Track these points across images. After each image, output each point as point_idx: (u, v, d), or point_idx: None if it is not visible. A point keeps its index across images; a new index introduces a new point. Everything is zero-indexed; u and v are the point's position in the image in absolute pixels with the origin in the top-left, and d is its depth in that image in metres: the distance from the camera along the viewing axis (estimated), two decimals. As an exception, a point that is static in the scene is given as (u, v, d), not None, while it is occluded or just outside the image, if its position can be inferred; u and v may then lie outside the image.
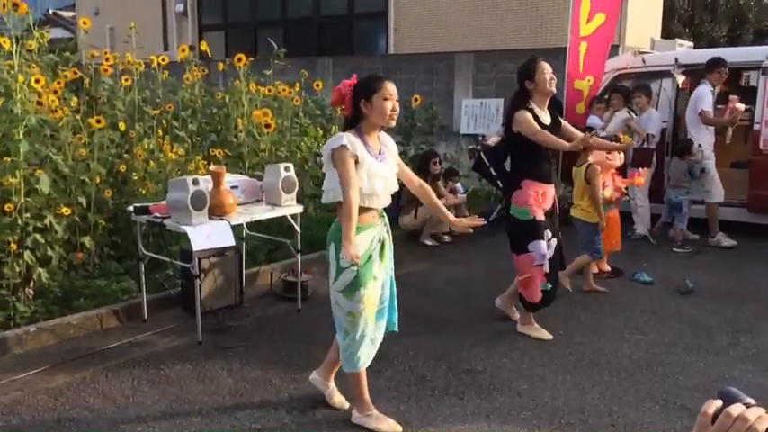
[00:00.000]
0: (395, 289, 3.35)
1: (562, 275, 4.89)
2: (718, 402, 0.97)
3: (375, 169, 2.96)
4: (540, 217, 4.16)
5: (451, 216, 3.36)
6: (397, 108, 3.01)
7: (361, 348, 3.09)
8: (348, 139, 2.91)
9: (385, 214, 3.21)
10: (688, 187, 6.70)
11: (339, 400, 3.39)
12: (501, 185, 7.82)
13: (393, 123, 3.03)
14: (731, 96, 6.85)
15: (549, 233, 4.20)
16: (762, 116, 6.78)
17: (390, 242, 3.22)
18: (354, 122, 3.04)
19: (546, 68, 4.14)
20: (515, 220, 4.23)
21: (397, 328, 3.39)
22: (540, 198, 4.17)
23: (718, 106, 7.13)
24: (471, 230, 3.33)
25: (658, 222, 7.08)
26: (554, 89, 4.20)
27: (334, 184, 2.96)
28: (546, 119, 4.18)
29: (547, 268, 4.22)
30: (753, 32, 16.00)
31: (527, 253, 4.19)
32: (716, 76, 6.83)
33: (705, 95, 6.77)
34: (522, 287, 4.32)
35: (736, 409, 0.95)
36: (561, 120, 4.40)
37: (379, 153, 3.05)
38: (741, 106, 6.70)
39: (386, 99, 2.96)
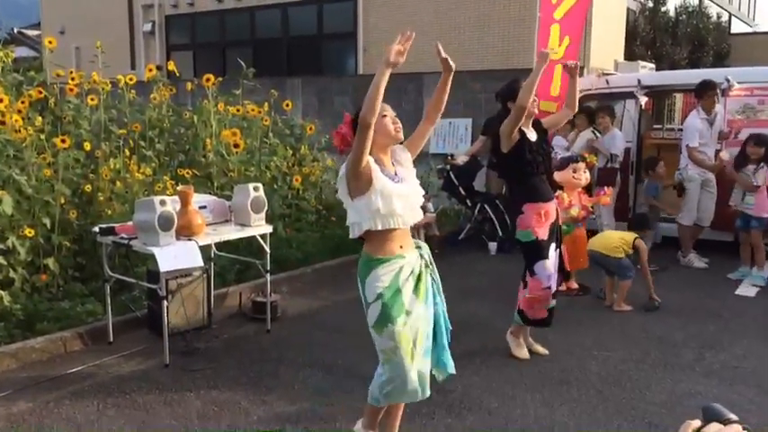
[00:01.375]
0: (445, 326, 3.12)
1: (616, 306, 5.28)
2: (696, 423, 0.97)
3: (390, 189, 2.83)
4: (543, 236, 4.19)
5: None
6: (397, 120, 2.96)
7: (392, 387, 2.92)
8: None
9: (424, 246, 3.07)
10: (655, 205, 6.83)
11: None
12: (469, 204, 7.91)
13: (401, 136, 2.98)
14: (720, 153, 6.72)
15: (553, 246, 4.24)
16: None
17: (433, 275, 3.06)
18: None
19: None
20: (521, 243, 4.28)
21: (452, 370, 3.12)
22: (542, 218, 4.19)
23: (721, 130, 6.83)
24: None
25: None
26: (536, 110, 4.25)
27: (358, 217, 2.85)
28: (532, 136, 4.24)
29: (554, 288, 4.26)
30: (713, 55, 16.46)
31: (534, 276, 4.21)
32: (708, 101, 6.67)
33: (692, 129, 6.73)
34: (527, 306, 4.32)
35: (713, 427, 0.94)
36: (547, 133, 4.44)
37: (395, 174, 2.93)
38: (726, 155, 6.60)
39: (384, 116, 2.91)
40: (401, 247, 2.90)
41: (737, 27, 21.87)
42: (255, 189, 4.57)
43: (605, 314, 5.25)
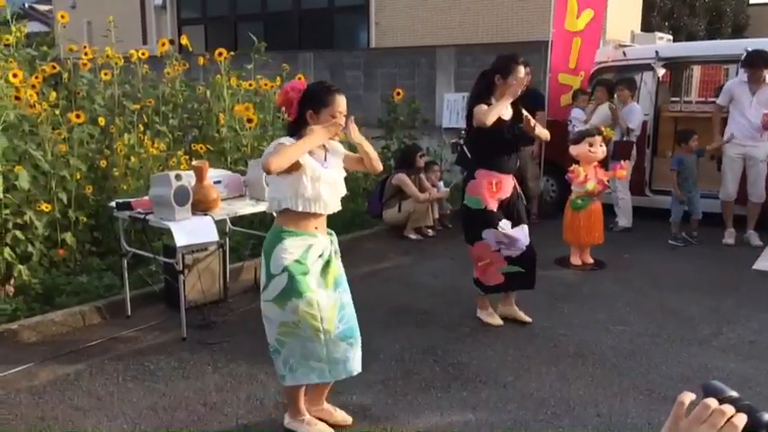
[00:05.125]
0: (354, 322, 2.99)
1: None
2: (692, 395, 0.95)
3: (319, 173, 2.80)
4: (492, 207, 4.21)
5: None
6: (342, 124, 2.84)
7: (298, 361, 2.88)
8: (288, 140, 2.79)
9: (334, 234, 3.02)
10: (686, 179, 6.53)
11: (341, 416, 3.19)
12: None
13: (337, 139, 2.93)
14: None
15: (506, 222, 4.23)
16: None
17: (338, 266, 2.98)
18: (298, 129, 2.86)
19: (519, 75, 4.15)
20: (468, 210, 4.32)
21: (353, 370, 2.99)
22: (493, 188, 4.21)
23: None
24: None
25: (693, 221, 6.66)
26: (518, 93, 4.16)
27: (277, 194, 2.83)
28: (506, 114, 4.19)
29: (507, 253, 4.26)
30: (731, 26, 16.18)
31: (481, 240, 4.26)
32: (756, 72, 6.25)
33: (725, 89, 6.60)
34: (480, 273, 4.39)
35: (713, 401, 0.92)
36: (526, 115, 4.27)
37: (324, 159, 2.90)
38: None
39: (334, 116, 2.81)
40: (315, 227, 2.88)
41: (756, -3, 21.43)
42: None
43: (621, 289, 5.23)
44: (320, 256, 2.90)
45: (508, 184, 4.30)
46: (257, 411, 3.30)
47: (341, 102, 2.85)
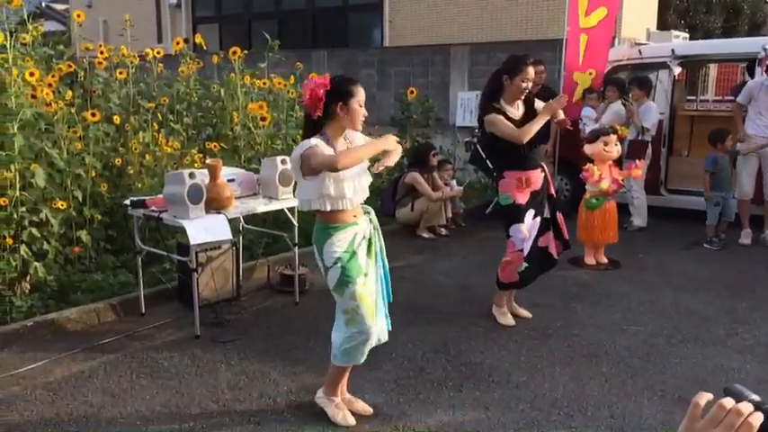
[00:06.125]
0: (387, 288, 3.23)
1: None
2: (709, 395, 0.95)
3: (342, 173, 2.87)
4: (521, 201, 4.26)
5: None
6: (365, 112, 3.01)
7: (359, 345, 3.05)
8: (316, 141, 2.87)
9: (371, 211, 3.16)
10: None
11: (361, 406, 3.28)
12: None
13: (360, 127, 3.03)
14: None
15: (531, 212, 4.27)
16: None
17: (380, 240, 3.16)
18: (320, 125, 2.94)
19: (529, 76, 4.17)
20: (501, 207, 4.43)
21: (383, 339, 3.22)
22: (523, 184, 4.27)
23: None
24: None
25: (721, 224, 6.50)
26: (529, 86, 4.21)
27: (308, 195, 2.95)
28: (516, 113, 4.22)
29: (526, 252, 4.29)
30: (748, 24, 16.02)
31: (509, 237, 4.32)
32: None
33: (745, 88, 6.56)
34: (501, 269, 4.43)
35: (729, 401, 0.91)
36: (537, 111, 4.30)
37: None
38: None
39: (360, 105, 2.95)
40: (354, 216, 3.02)
41: (774, -6, 21.19)
42: (283, 162, 4.57)
43: (635, 289, 5.19)
44: (363, 237, 3.05)
45: (538, 178, 4.33)
46: (270, 409, 3.31)
47: (362, 92, 2.98)
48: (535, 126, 4.09)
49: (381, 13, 12.20)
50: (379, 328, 3.11)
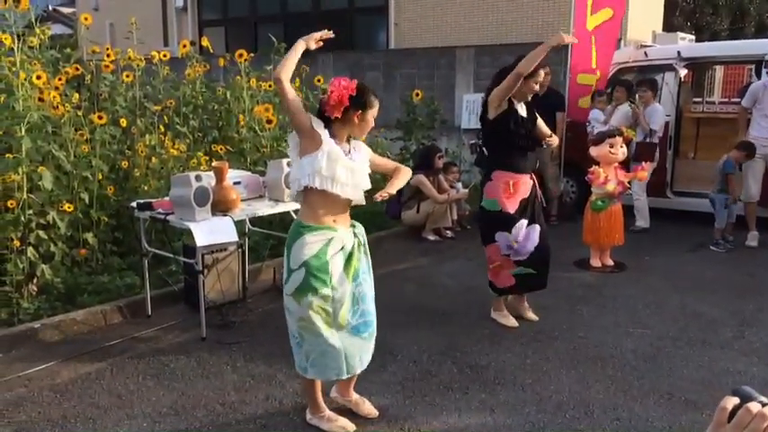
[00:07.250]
0: (370, 317, 3.05)
1: None
2: (736, 399, 0.95)
3: (338, 155, 2.84)
4: (510, 209, 4.19)
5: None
6: (373, 123, 3.02)
7: (317, 358, 2.94)
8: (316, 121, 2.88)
9: (360, 227, 3.07)
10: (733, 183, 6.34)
11: (368, 408, 3.26)
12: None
13: (364, 137, 3.05)
14: None
15: (523, 222, 4.22)
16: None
17: (364, 258, 3.04)
18: (329, 122, 2.91)
19: (539, 78, 4.20)
20: (484, 211, 4.33)
21: (366, 363, 3.09)
22: (510, 189, 4.20)
23: None
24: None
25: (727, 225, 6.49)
26: (537, 87, 4.25)
27: (297, 173, 2.88)
28: (522, 111, 4.22)
29: (516, 257, 4.26)
30: (754, 26, 15.97)
31: (494, 243, 4.27)
32: None
33: (749, 91, 6.55)
34: (493, 275, 4.42)
35: (755, 406, 0.92)
36: (537, 117, 4.35)
37: (348, 152, 2.95)
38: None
39: (373, 117, 2.97)
40: (334, 221, 2.92)
41: (781, -4, 21.13)
42: (289, 165, 4.57)
43: (641, 291, 5.18)
44: (341, 249, 2.93)
45: (526, 185, 4.28)
46: (276, 411, 3.32)
47: (377, 104, 2.98)
48: (540, 51, 3.91)
49: (387, 15, 12.21)
50: (348, 346, 2.95)
